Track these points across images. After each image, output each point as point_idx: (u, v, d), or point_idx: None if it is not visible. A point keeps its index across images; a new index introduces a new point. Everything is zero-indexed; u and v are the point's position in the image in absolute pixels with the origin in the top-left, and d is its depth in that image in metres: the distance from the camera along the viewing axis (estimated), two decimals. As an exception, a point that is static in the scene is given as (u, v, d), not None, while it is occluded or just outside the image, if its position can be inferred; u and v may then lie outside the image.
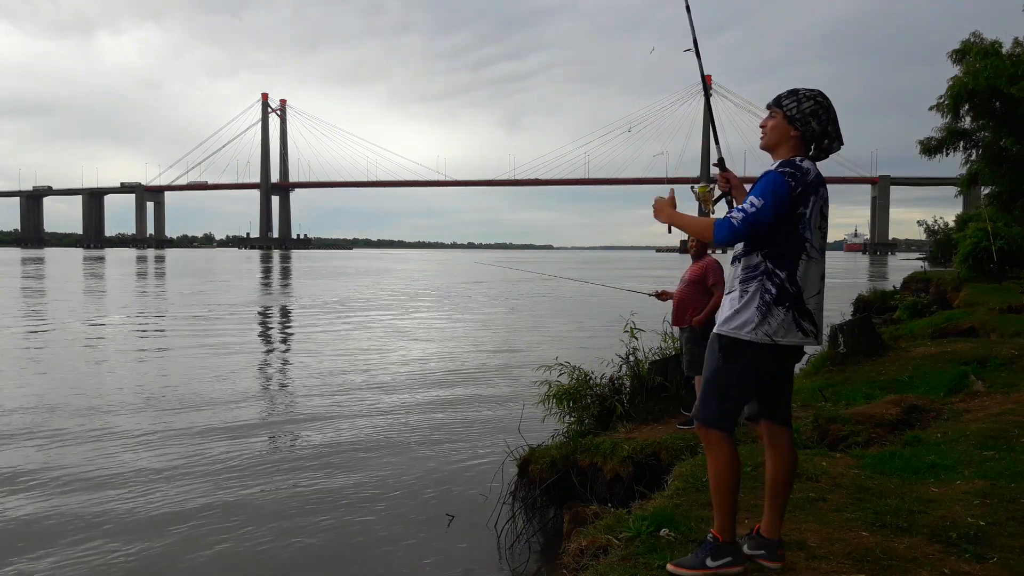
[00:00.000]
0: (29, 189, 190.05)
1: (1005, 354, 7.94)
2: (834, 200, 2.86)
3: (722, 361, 2.70)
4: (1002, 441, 4.58)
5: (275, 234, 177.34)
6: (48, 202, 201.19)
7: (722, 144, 3.40)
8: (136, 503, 6.19)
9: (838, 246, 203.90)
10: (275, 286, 39.96)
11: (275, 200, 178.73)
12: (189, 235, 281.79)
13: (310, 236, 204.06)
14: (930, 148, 15.80)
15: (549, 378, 6.52)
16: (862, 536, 3.13)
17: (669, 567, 2.82)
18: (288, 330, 19.99)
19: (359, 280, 45.38)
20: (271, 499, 6.36)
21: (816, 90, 2.73)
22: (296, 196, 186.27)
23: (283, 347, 16.60)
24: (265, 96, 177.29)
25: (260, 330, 19.70)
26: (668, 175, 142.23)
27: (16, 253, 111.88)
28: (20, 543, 5.37)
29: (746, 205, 2.61)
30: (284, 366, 13.73)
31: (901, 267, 56.08)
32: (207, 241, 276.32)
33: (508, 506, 5.54)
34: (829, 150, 2.76)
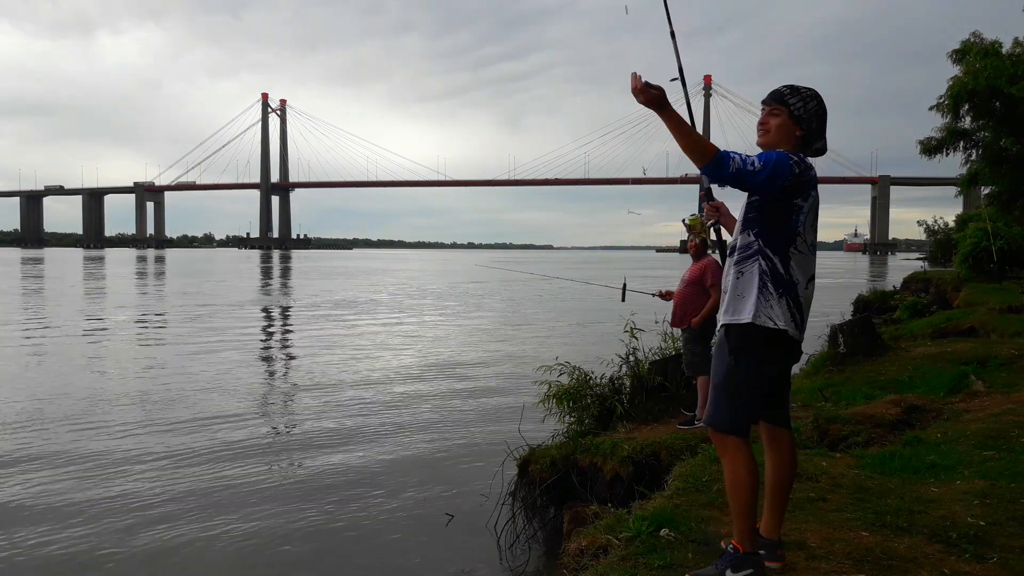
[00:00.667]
0: (40, 189, 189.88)
1: (1005, 354, 7.93)
2: (834, 200, 2.87)
3: (732, 358, 2.69)
4: (1002, 441, 4.57)
5: (275, 234, 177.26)
6: (48, 202, 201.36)
7: (722, 144, 3.40)
8: (136, 502, 6.19)
9: (838, 246, 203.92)
10: (275, 286, 39.93)
11: (275, 200, 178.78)
12: (189, 235, 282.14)
13: (310, 236, 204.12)
14: (930, 148, 15.81)
15: (549, 378, 6.52)
16: (862, 536, 3.13)
17: None
18: (287, 330, 19.97)
19: (359, 280, 45.37)
20: (269, 499, 6.35)
21: (813, 89, 2.74)
22: (296, 196, 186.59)
23: (282, 347, 16.59)
24: (265, 96, 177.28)
25: (259, 330, 19.67)
26: (668, 175, 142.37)
27: (16, 253, 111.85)
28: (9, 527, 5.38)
29: (747, 160, 2.54)
30: (283, 366, 13.74)
31: (901, 267, 56.05)
32: (207, 241, 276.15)
33: (508, 506, 5.53)
34: (819, 152, 2.76)
